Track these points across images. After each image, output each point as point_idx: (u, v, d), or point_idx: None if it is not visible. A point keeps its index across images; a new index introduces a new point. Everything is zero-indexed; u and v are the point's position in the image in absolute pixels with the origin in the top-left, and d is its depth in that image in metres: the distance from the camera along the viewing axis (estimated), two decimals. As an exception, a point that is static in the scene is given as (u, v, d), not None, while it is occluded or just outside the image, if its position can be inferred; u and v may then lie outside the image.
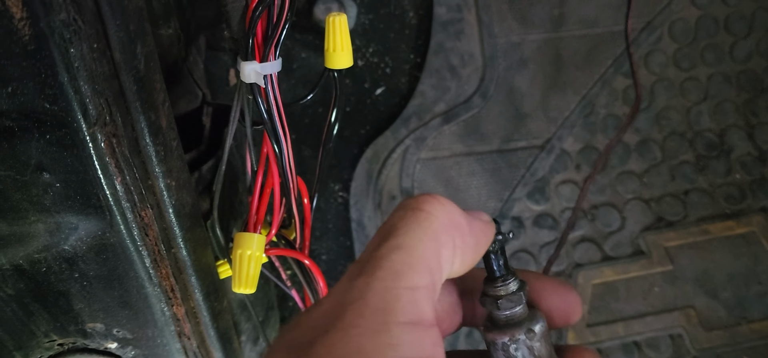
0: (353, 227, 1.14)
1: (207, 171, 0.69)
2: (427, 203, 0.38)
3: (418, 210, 0.38)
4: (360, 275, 0.35)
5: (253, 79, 0.56)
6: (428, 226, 0.37)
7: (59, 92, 0.45)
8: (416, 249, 0.36)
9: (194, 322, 0.66)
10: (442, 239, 0.38)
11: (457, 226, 0.39)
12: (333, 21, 0.58)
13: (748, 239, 1.21)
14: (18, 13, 0.41)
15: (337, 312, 0.34)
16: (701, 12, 1.28)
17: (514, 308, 0.42)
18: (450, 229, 0.38)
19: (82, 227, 0.54)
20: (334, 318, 0.34)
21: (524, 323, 0.41)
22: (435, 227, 0.37)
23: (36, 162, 0.49)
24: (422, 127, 1.18)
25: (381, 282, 0.35)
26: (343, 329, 0.33)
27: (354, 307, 0.34)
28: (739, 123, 1.28)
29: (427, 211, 0.38)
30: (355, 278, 0.35)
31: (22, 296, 0.60)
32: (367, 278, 0.35)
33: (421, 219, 0.37)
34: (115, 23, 0.44)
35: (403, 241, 0.36)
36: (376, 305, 0.34)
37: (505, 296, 0.42)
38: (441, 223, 0.38)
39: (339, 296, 0.35)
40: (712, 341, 1.13)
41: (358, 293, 0.34)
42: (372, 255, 0.36)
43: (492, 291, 0.42)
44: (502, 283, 0.42)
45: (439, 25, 1.20)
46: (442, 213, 0.38)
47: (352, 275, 0.36)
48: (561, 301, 0.43)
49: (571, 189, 1.22)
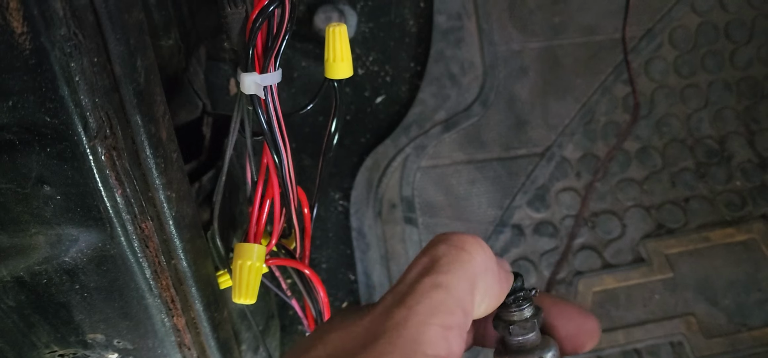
0: (353, 236, 1.15)
1: (207, 181, 0.70)
2: (469, 244, 0.39)
3: (462, 250, 0.39)
4: (399, 306, 0.36)
5: (253, 91, 0.56)
6: (470, 268, 0.38)
7: (60, 106, 0.45)
8: (456, 290, 0.37)
9: (195, 332, 0.66)
10: (479, 283, 0.39)
11: (491, 271, 0.40)
12: (333, 31, 0.58)
13: (749, 246, 1.20)
14: (19, 28, 0.42)
15: (370, 339, 0.35)
16: (701, 19, 1.28)
17: (526, 335, 0.42)
18: (485, 274, 0.39)
19: (83, 239, 0.55)
20: (365, 344, 0.35)
21: (536, 350, 0.41)
22: (475, 271, 0.38)
23: (37, 175, 0.49)
24: (422, 136, 1.18)
25: (418, 317, 0.36)
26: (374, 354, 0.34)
27: (388, 336, 0.35)
28: (739, 130, 1.28)
29: (469, 252, 0.39)
30: (394, 308, 0.36)
31: (23, 307, 0.60)
32: (406, 311, 0.36)
33: (464, 260, 0.38)
34: (115, 37, 0.45)
35: (445, 279, 0.37)
36: (408, 337, 0.35)
37: (519, 322, 0.42)
38: (480, 267, 0.39)
39: (374, 323, 0.36)
40: (712, 348, 1.13)
41: (393, 325, 0.35)
42: (413, 288, 0.37)
43: (505, 316, 0.42)
44: (517, 308, 0.42)
45: (439, 34, 1.20)
46: (481, 257, 0.39)
47: (390, 304, 0.37)
48: (576, 328, 0.43)
49: (571, 197, 1.22)
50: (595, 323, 0.44)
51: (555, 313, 0.43)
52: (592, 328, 0.44)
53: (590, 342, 0.44)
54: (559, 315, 0.43)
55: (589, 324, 0.44)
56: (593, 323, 0.44)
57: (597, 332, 0.44)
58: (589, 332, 0.43)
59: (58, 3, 0.41)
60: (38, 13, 0.41)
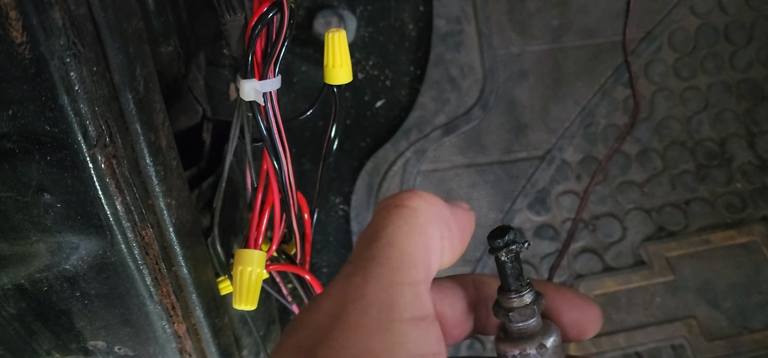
0: (354, 240, 1.15)
1: (207, 188, 0.70)
2: (409, 199, 0.38)
3: (402, 207, 0.37)
4: (356, 273, 0.35)
5: (253, 97, 0.56)
6: (414, 221, 0.37)
7: (59, 115, 0.45)
8: (407, 244, 0.36)
9: (195, 339, 0.66)
10: (429, 232, 0.37)
11: (441, 217, 0.39)
12: (332, 37, 0.58)
13: (750, 248, 1.20)
14: (18, 38, 0.42)
15: (339, 311, 0.34)
16: (701, 21, 1.28)
17: (526, 321, 0.40)
18: (435, 221, 0.38)
19: (83, 247, 0.55)
20: (337, 318, 0.34)
21: (536, 336, 0.40)
22: (421, 222, 0.37)
23: (37, 183, 0.50)
24: (422, 140, 1.18)
25: (381, 279, 0.34)
26: (348, 328, 0.33)
27: (356, 305, 0.33)
28: (739, 132, 1.28)
29: (411, 206, 0.37)
30: (352, 276, 0.35)
31: (24, 315, 0.60)
32: (364, 274, 0.34)
33: (406, 215, 0.37)
34: (114, 46, 0.45)
35: (393, 238, 0.36)
36: (380, 303, 0.33)
37: (518, 308, 0.40)
38: (426, 217, 0.37)
39: (338, 294, 0.35)
40: (714, 351, 1.13)
41: (358, 291, 0.34)
42: (364, 254, 0.36)
43: (505, 302, 0.41)
44: (516, 294, 0.41)
45: (438, 38, 1.20)
46: (426, 207, 0.38)
47: (347, 273, 0.35)
48: (579, 315, 0.42)
49: (571, 199, 1.22)
50: (597, 310, 0.43)
51: (558, 300, 0.43)
52: (595, 315, 0.43)
53: (593, 329, 0.43)
54: (562, 302, 0.43)
55: (592, 311, 0.43)
56: (596, 311, 0.43)
57: (600, 319, 0.43)
58: (592, 319, 0.43)
59: (58, 13, 0.41)
60: (37, 23, 0.41)
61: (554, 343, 0.41)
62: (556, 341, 0.41)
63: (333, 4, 1.16)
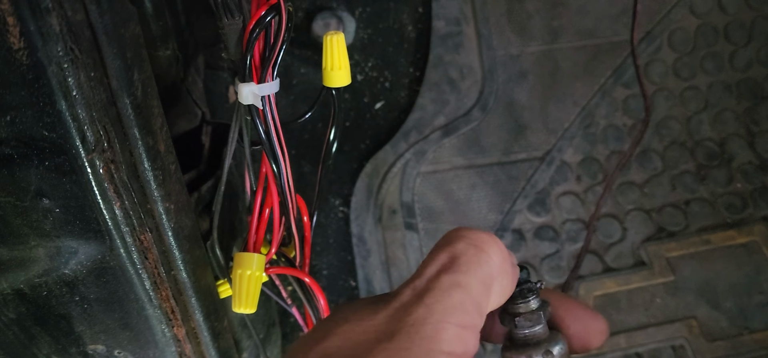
0: (354, 242, 1.15)
1: (206, 191, 0.70)
2: (488, 245, 0.39)
3: (481, 251, 0.39)
4: (417, 304, 0.36)
5: (251, 101, 0.56)
6: (488, 269, 0.38)
7: (57, 120, 0.45)
8: (474, 290, 0.37)
9: (195, 342, 0.66)
10: (495, 285, 0.39)
11: (506, 272, 0.40)
12: (330, 40, 0.58)
13: (750, 248, 1.20)
14: (16, 44, 0.42)
15: (386, 335, 0.36)
16: (700, 21, 1.28)
17: (532, 328, 0.41)
18: (502, 274, 0.40)
19: (82, 251, 0.55)
20: (381, 340, 0.35)
21: (543, 344, 0.41)
22: (492, 272, 0.39)
23: (35, 188, 0.50)
24: (422, 141, 1.18)
25: (435, 316, 0.36)
26: (391, 351, 0.35)
27: (406, 332, 0.35)
28: (739, 132, 1.28)
29: (488, 253, 0.39)
30: (412, 306, 0.36)
31: (24, 319, 0.60)
32: (424, 310, 0.36)
33: (483, 261, 0.38)
34: (111, 52, 0.45)
35: (464, 279, 0.37)
36: (426, 334, 0.35)
37: (525, 314, 0.41)
38: (496, 267, 0.39)
39: (391, 319, 0.36)
40: (714, 351, 1.13)
41: (411, 322, 0.36)
42: (431, 285, 0.37)
43: (512, 308, 0.42)
44: (523, 300, 0.42)
45: (437, 39, 1.20)
46: (498, 257, 0.39)
47: (408, 300, 0.37)
48: (584, 327, 0.43)
49: (572, 201, 1.22)
50: (603, 322, 0.44)
51: (563, 311, 0.43)
52: (600, 326, 0.44)
53: (597, 340, 0.44)
54: (567, 313, 0.43)
55: (597, 323, 0.44)
56: (601, 322, 0.44)
57: (605, 331, 0.44)
58: (597, 331, 0.43)
59: (55, 19, 0.41)
60: (35, 28, 0.41)
61: (561, 350, 0.41)
62: (562, 349, 0.41)
63: (332, 6, 1.16)
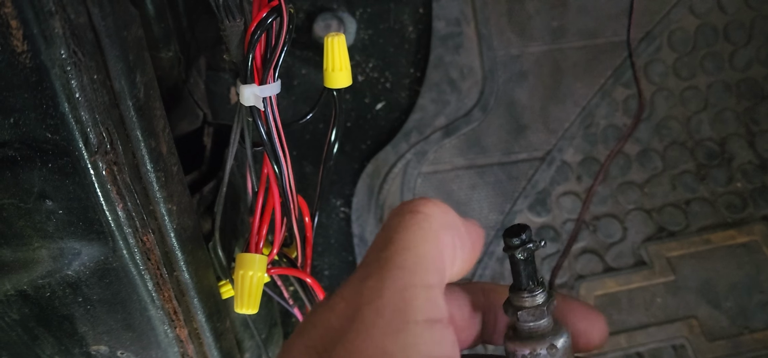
0: (355, 243, 1.15)
1: (208, 192, 0.70)
2: (423, 206, 0.38)
3: (416, 212, 0.37)
4: (370, 276, 0.35)
5: (253, 102, 0.57)
6: (428, 227, 0.37)
7: (60, 122, 0.46)
8: (422, 248, 0.36)
9: (197, 343, 0.67)
10: (442, 239, 0.37)
11: (454, 227, 0.39)
12: (331, 41, 0.59)
13: (750, 247, 1.20)
14: (19, 47, 0.42)
15: (353, 313, 0.34)
16: (700, 21, 1.28)
17: (537, 321, 0.40)
18: (448, 229, 0.38)
19: (85, 253, 0.55)
20: (351, 319, 0.34)
21: (547, 337, 0.40)
22: (434, 228, 0.37)
23: (39, 190, 0.50)
24: (423, 142, 1.18)
25: (396, 281, 0.34)
26: (364, 330, 0.33)
27: (371, 307, 0.34)
28: (739, 131, 1.28)
29: (425, 213, 0.37)
30: (366, 279, 0.35)
31: (27, 320, 0.61)
32: (379, 277, 0.34)
33: (420, 220, 0.37)
34: (114, 54, 0.45)
35: (408, 242, 0.36)
36: (395, 305, 0.33)
37: (530, 307, 0.40)
38: (439, 223, 0.38)
39: (352, 296, 0.35)
40: (715, 351, 1.13)
41: (373, 293, 0.34)
42: (379, 257, 0.36)
43: (516, 301, 0.41)
44: (529, 293, 0.40)
45: (438, 40, 1.20)
46: (439, 214, 0.38)
47: (362, 276, 0.35)
48: (586, 325, 0.42)
49: (572, 200, 1.22)
50: (603, 320, 0.43)
51: (564, 310, 0.43)
52: (601, 325, 0.43)
53: (598, 339, 0.43)
54: (568, 312, 0.43)
55: (598, 322, 0.43)
56: (602, 321, 0.43)
57: (605, 330, 0.43)
58: (598, 330, 0.43)
59: (58, 22, 0.41)
60: (38, 32, 0.41)
61: (565, 344, 0.40)
62: (566, 343, 0.40)
63: (333, 7, 1.16)
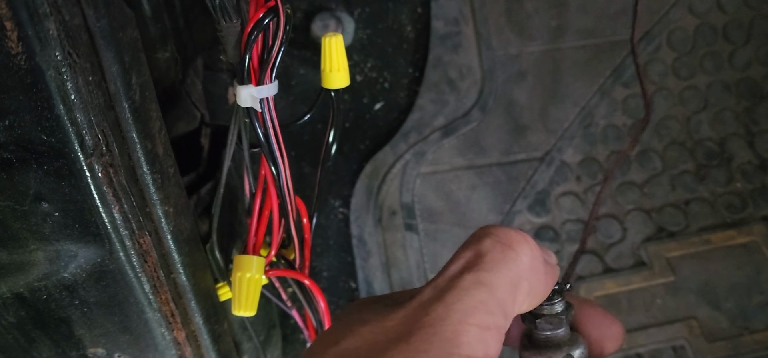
0: (354, 243, 1.14)
1: (206, 193, 0.70)
2: (517, 243, 0.37)
3: (509, 248, 0.37)
4: (438, 302, 0.35)
5: (250, 103, 0.56)
6: (515, 268, 0.37)
7: (56, 124, 0.45)
8: (499, 290, 0.36)
9: (195, 345, 0.66)
10: (523, 283, 0.37)
11: (537, 271, 0.38)
12: (328, 42, 0.58)
13: (750, 248, 1.20)
14: (14, 48, 0.42)
15: (404, 334, 0.34)
16: (699, 20, 1.28)
17: (555, 330, 0.40)
18: (531, 273, 0.38)
19: (82, 255, 0.55)
20: (399, 339, 0.34)
21: (564, 347, 0.40)
22: (520, 271, 0.37)
23: (34, 192, 0.50)
24: (421, 142, 1.18)
25: (456, 315, 0.34)
26: (408, 351, 0.33)
27: (423, 332, 0.34)
28: (739, 131, 1.27)
29: (516, 251, 0.37)
30: (432, 304, 0.35)
31: (24, 323, 0.60)
32: (444, 308, 0.34)
33: (510, 259, 0.37)
34: (109, 56, 0.45)
35: (488, 278, 0.36)
36: (445, 336, 0.33)
37: (548, 316, 0.40)
38: (526, 267, 0.37)
39: (410, 318, 0.35)
40: (715, 352, 1.13)
41: (430, 321, 0.34)
42: (453, 283, 0.35)
43: (535, 309, 0.41)
44: (547, 302, 0.40)
45: (436, 39, 1.20)
46: (528, 257, 0.37)
47: (428, 298, 0.35)
48: (602, 332, 0.42)
49: (572, 201, 1.22)
50: (619, 327, 0.43)
51: (581, 315, 0.43)
52: (617, 332, 0.43)
53: (613, 346, 0.43)
54: (584, 317, 0.43)
55: (614, 328, 0.43)
56: (618, 327, 0.43)
57: (621, 337, 0.43)
58: (614, 337, 0.43)
59: (53, 24, 0.41)
60: (33, 33, 0.41)
61: (581, 355, 0.40)
62: (583, 354, 0.40)
63: (331, 6, 1.16)
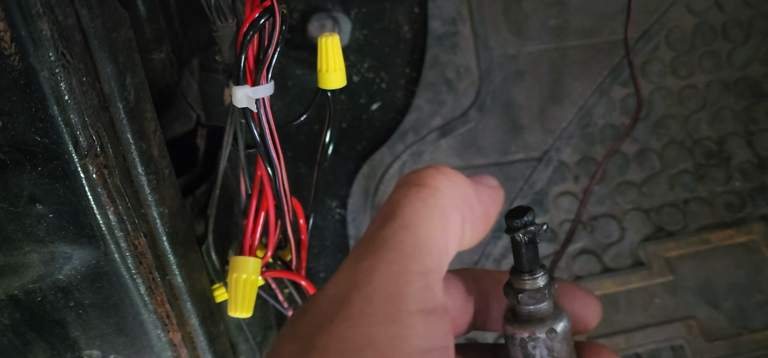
0: (351, 244, 1.14)
1: (201, 195, 0.69)
2: (432, 178, 0.36)
3: (423, 186, 0.35)
4: (365, 257, 0.33)
5: (245, 104, 0.56)
6: (435, 203, 0.35)
7: (50, 125, 0.45)
8: (424, 228, 0.34)
9: (191, 347, 0.66)
10: (450, 215, 0.35)
11: (465, 198, 0.37)
12: (325, 42, 0.58)
13: (749, 247, 1.20)
14: (7, 49, 0.42)
15: (343, 298, 0.32)
16: (698, 19, 1.28)
17: (537, 304, 0.39)
18: (458, 203, 0.36)
19: (77, 257, 0.54)
20: (340, 305, 0.32)
21: (547, 320, 0.39)
22: (442, 204, 0.35)
23: (29, 194, 0.49)
24: (419, 142, 1.17)
25: (390, 265, 0.32)
26: (352, 317, 0.31)
27: (362, 292, 0.32)
28: (738, 130, 1.27)
29: (433, 186, 0.35)
30: (361, 260, 0.33)
31: (18, 325, 0.60)
32: (373, 259, 0.33)
33: (426, 196, 0.35)
34: (103, 56, 0.45)
35: (409, 220, 0.34)
36: (386, 291, 0.32)
37: (530, 290, 0.39)
38: (448, 198, 0.35)
39: (345, 279, 0.33)
40: (713, 351, 1.12)
41: (365, 277, 0.32)
42: (376, 235, 0.34)
43: (517, 283, 0.40)
44: (530, 276, 0.40)
45: (434, 39, 1.20)
46: (449, 187, 0.36)
47: (356, 256, 0.34)
48: (581, 307, 0.42)
49: (569, 201, 1.21)
50: (597, 302, 0.42)
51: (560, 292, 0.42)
52: (596, 306, 0.42)
53: (594, 321, 0.42)
54: (563, 294, 0.42)
55: (593, 303, 0.42)
56: (596, 302, 0.42)
57: (600, 311, 0.42)
58: (593, 311, 0.42)
59: (46, 24, 0.41)
60: (26, 34, 0.41)
61: (564, 328, 0.40)
62: (566, 327, 0.40)
63: (327, 7, 1.15)
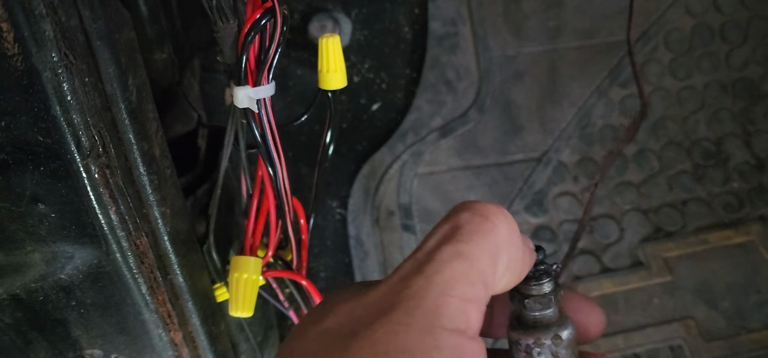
0: (351, 244, 1.14)
1: (203, 194, 0.70)
2: (493, 214, 0.37)
3: (486, 219, 0.37)
4: (417, 274, 0.35)
5: (247, 104, 0.56)
6: (493, 239, 0.36)
7: (52, 125, 0.45)
8: (478, 261, 0.36)
9: (192, 346, 0.66)
10: (501, 255, 0.37)
11: (515, 244, 0.38)
12: (326, 42, 0.58)
13: (747, 248, 1.20)
14: (10, 49, 0.42)
15: (385, 307, 0.34)
16: (696, 21, 1.28)
17: (543, 310, 0.40)
18: (509, 246, 0.37)
19: (78, 256, 0.55)
20: (381, 313, 0.34)
21: (552, 327, 0.40)
22: (498, 242, 0.37)
23: (31, 193, 0.50)
24: (419, 143, 1.18)
25: (436, 287, 0.34)
26: (391, 325, 0.33)
27: (405, 305, 0.33)
28: (736, 131, 1.28)
29: (493, 222, 0.37)
30: (412, 277, 0.35)
31: (20, 324, 0.60)
32: (424, 281, 0.34)
33: (487, 230, 0.36)
34: (105, 57, 0.45)
35: (466, 249, 0.35)
36: (427, 308, 0.33)
37: (536, 296, 0.40)
38: (503, 238, 0.37)
39: (389, 290, 0.35)
40: (712, 351, 1.13)
41: (412, 293, 0.34)
42: (432, 256, 0.35)
43: (523, 289, 0.40)
44: (536, 282, 0.40)
45: (434, 40, 1.20)
46: (505, 228, 0.37)
47: (408, 272, 0.35)
48: (584, 317, 0.42)
49: (569, 201, 1.22)
50: (601, 312, 0.43)
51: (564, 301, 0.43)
52: (599, 317, 0.43)
53: (596, 332, 0.43)
54: (567, 304, 0.43)
55: (596, 313, 0.43)
56: (599, 313, 0.43)
57: (603, 322, 0.43)
58: (596, 321, 0.43)
59: (49, 25, 0.41)
60: (29, 34, 0.41)
61: (569, 336, 0.40)
62: (571, 335, 0.40)
63: (328, 7, 1.16)
